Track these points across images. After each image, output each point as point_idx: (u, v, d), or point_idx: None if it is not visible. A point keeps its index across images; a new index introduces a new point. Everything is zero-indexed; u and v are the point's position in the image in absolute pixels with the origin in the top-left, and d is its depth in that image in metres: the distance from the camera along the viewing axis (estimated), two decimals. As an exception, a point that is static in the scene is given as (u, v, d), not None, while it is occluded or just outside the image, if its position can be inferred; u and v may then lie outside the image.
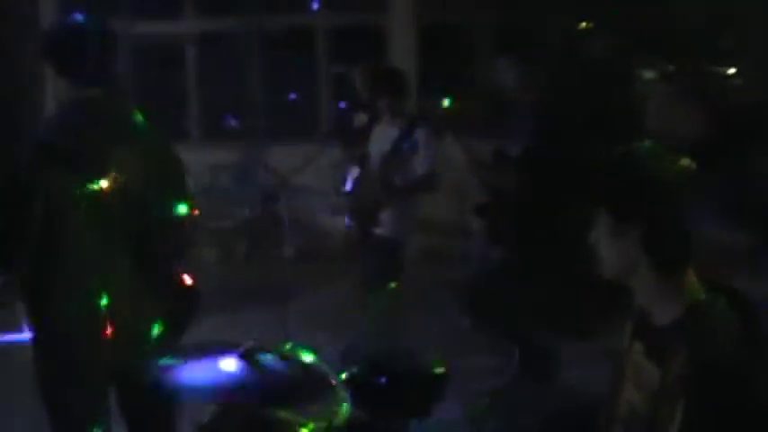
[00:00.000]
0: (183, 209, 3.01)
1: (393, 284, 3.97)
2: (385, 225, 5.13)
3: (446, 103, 5.90)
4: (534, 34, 7.31)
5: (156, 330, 2.94)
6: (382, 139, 5.27)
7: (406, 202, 5.14)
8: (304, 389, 2.43)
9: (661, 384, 1.97)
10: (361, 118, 6.63)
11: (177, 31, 8.41)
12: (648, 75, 6.85)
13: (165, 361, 2.44)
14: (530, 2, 7.34)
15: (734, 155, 5.92)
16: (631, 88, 6.81)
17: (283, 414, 2.46)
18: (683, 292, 2.02)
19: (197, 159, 7.71)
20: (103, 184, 2.84)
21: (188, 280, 3.07)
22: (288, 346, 2.62)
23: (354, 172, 6.07)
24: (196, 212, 3.09)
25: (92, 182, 2.83)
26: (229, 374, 2.26)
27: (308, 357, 2.62)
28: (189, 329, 3.09)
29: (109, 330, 2.86)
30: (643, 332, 2.13)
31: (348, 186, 6.40)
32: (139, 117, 3.03)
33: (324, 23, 8.32)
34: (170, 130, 3.15)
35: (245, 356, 2.29)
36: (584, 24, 6.87)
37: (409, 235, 5.25)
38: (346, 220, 6.37)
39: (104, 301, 2.86)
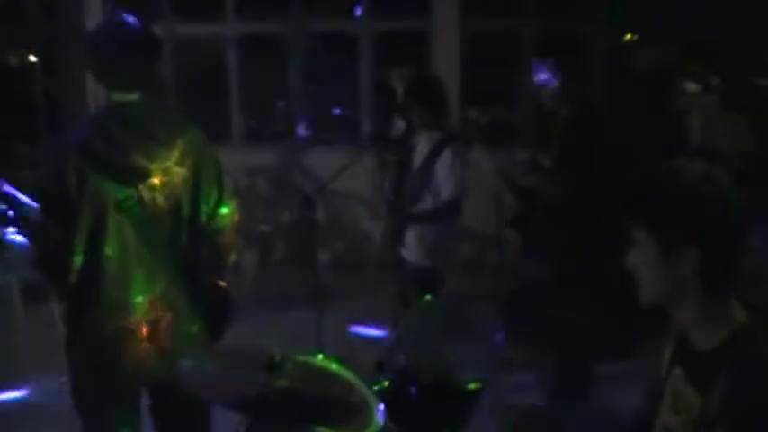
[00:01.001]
0: (224, 213, 3.01)
1: (429, 297, 3.91)
2: (409, 248, 4.96)
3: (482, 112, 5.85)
4: (579, 44, 7.26)
5: (193, 335, 2.94)
6: (420, 152, 5.11)
7: (429, 227, 4.86)
8: (334, 402, 2.41)
9: (702, 411, 1.92)
10: (399, 125, 6.59)
11: (219, 33, 8.44)
12: (692, 87, 6.75)
13: (196, 365, 2.44)
14: (575, 11, 7.29)
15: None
16: (675, 101, 6.72)
17: (313, 428, 2.44)
18: (728, 316, 1.95)
19: (237, 162, 7.77)
20: (142, 189, 2.85)
21: (223, 285, 3.07)
22: (320, 357, 2.60)
23: (391, 181, 6.01)
24: (237, 218, 3.08)
25: (130, 187, 2.84)
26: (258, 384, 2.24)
27: (339, 368, 2.60)
28: (225, 334, 3.09)
29: (145, 335, 2.86)
30: (684, 357, 2.07)
31: (387, 194, 6.37)
32: (179, 120, 3.03)
33: (367, 29, 8.30)
34: (211, 133, 3.12)
35: (273, 367, 2.27)
36: (629, 36, 6.80)
37: (438, 258, 4.89)
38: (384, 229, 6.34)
39: (144, 306, 2.86)
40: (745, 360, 1.88)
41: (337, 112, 9.26)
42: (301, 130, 8.33)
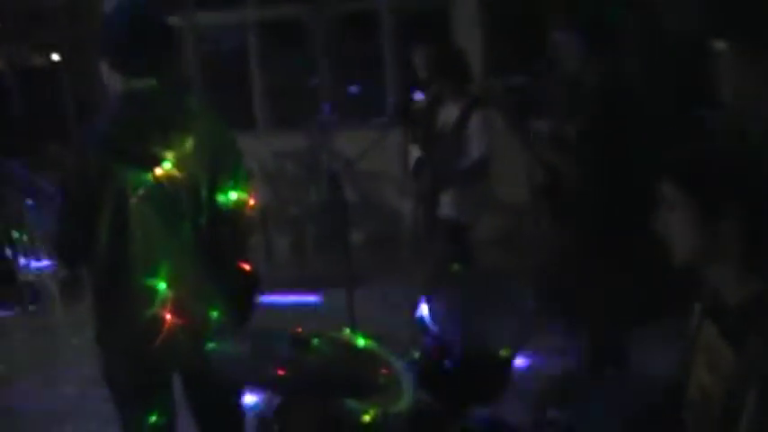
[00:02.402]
0: (242, 196, 3.00)
1: (461, 267, 3.92)
2: (447, 208, 5.09)
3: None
4: (605, 7, 7.14)
5: (219, 319, 2.93)
6: (446, 120, 5.20)
7: (465, 185, 5.08)
8: (361, 375, 2.39)
9: (736, 366, 1.88)
10: (421, 99, 6.58)
11: (239, 19, 8.44)
12: (721, 49, 6.62)
13: (224, 348, 2.44)
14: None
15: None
16: (705, 63, 6.59)
17: (345, 402, 2.42)
18: (762, 271, 1.93)
19: (263, 147, 7.79)
20: (160, 174, 2.84)
21: (247, 267, 3.06)
22: (346, 332, 2.59)
23: (416, 153, 6.03)
24: (252, 202, 3.06)
25: (149, 173, 2.83)
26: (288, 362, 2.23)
27: (366, 343, 2.58)
28: (252, 316, 3.09)
29: (173, 320, 2.86)
30: (717, 313, 2.04)
31: (413, 168, 6.37)
32: (197, 105, 3.02)
33: (387, 5, 8.27)
34: (235, 119, 3.12)
35: (298, 342, 2.26)
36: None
37: (475, 216, 5.17)
38: (414, 203, 6.35)
39: (169, 291, 2.86)
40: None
41: (361, 91, 9.24)
42: (327, 112, 8.31)
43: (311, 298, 6.49)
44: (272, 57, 8.55)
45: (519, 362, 3.08)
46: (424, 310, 2.98)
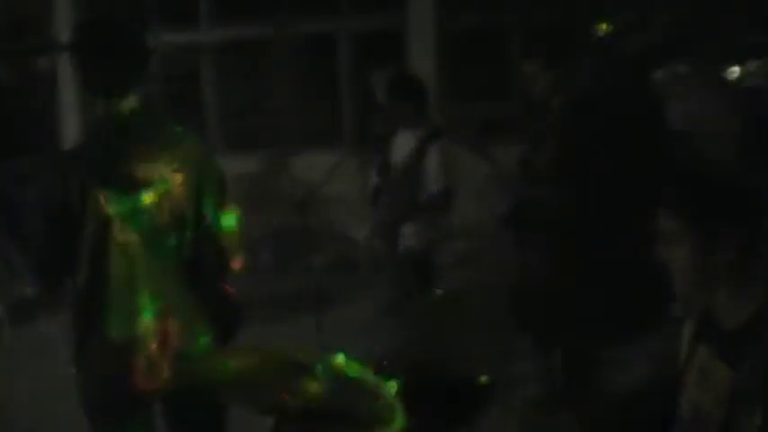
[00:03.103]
0: (225, 218, 2.98)
1: (432, 291, 3.93)
2: (408, 238, 5.06)
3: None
4: (563, 36, 7.27)
5: (203, 340, 2.91)
6: (402, 148, 5.17)
7: (427, 218, 5.06)
8: (360, 405, 2.38)
9: (735, 386, 1.92)
10: (380, 125, 6.60)
11: (196, 40, 8.40)
12: (672, 72, 6.78)
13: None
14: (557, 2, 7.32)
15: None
16: (658, 86, 6.73)
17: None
18: (758, 291, 1.97)
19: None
20: (144, 198, 2.81)
21: (231, 291, 3.04)
22: (340, 358, 2.57)
23: (374, 180, 6.03)
24: (239, 223, 3.05)
25: (131, 197, 2.80)
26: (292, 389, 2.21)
27: (358, 370, 2.56)
28: (236, 338, 3.07)
29: (155, 341, 2.82)
30: (711, 335, 2.08)
31: (370, 196, 6.37)
32: (178, 128, 3.00)
33: (344, 29, 8.31)
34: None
35: (301, 368, 2.25)
36: (610, 25, 6.81)
37: (436, 246, 5.13)
38: (370, 231, 6.36)
39: (151, 313, 2.83)
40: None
41: (319, 115, 9.23)
42: (285, 135, 8.30)
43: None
44: (229, 79, 8.52)
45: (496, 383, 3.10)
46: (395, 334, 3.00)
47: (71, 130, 8.33)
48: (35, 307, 6.18)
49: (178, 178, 2.86)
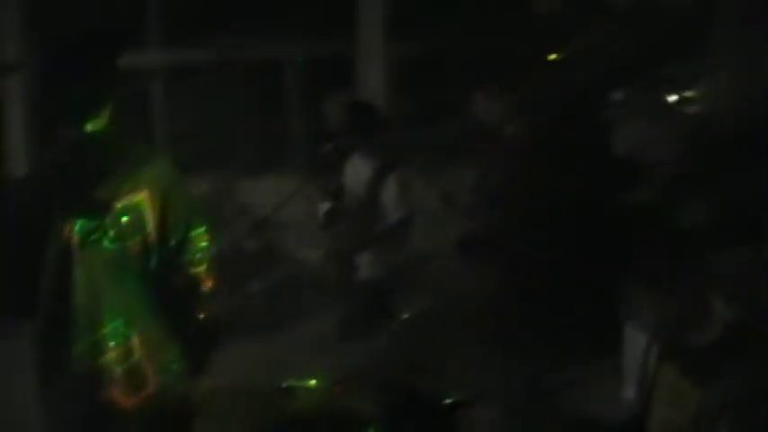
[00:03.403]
0: (197, 241, 2.98)
1: (398, 315, 3.99)
2: (366, 267, 5.07)
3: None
4: (515, 64, 7.42)
5: (176, 371, 2.90)
6: (358, 175, 5.19)
7: (385, 247, 5.08)
8: (336, 421, 2.43)
9: (703, 402, 2.01)
10: (331, 150, 6.63)
11: (141, 63, 8.36)
12: (617, 100, 6.95)
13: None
14: (505, 32, 7.46)
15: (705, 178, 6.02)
16: (603, 112, 6.90)
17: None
18: (720, 312, 2.06)
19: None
20: (109, 223, 2.79)
21: (202, 316, 3.04)
22: (313, 381, 2.61)
23: (327, 206, 6.06)
24: (210, 247, 3.05)
25: (96, 223, 2.78)
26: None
27: (330, 391, 2.62)
28: (208, 366, 3.06)
29: (126, 377, 2.80)
30: (676, 353, 2.17)
31: (322, 221, 6.39)
32: (145, 150, 3.00)
33: (293, 55, 8.36)
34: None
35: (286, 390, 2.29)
36: (556, 55, 6.97)
37: (393, 274, 5.16)
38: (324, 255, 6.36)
39: (120, 345, 2.81)
40: (743, 354, 1.99)
41: (267, 138, 9.23)
42: (233, 160, 8.28)
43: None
44: (177, 102, 8.48)
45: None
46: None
47: (19, 155, 8.27)
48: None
49: (146, 201, 2.85)
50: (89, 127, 2.82)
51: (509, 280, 4.41)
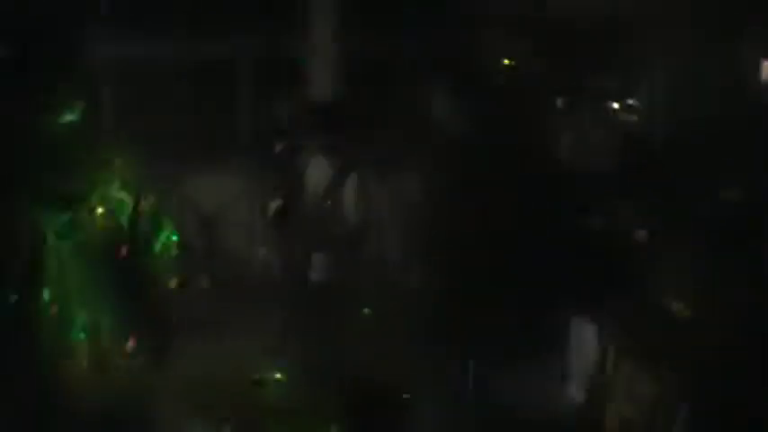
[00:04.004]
0: (165, 237, 3.04)
1: (360, 313, 4.06)
2: (320, 268, 5.09)
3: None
4: (461, 67, 7.54)
5: (137, 361, 2.95)
6: (315, 177, 5.21)
7: (342, 249, 5.11)
8: (304, 413, 2.52)
9: (659, 392, 2.14)
10: (283, 149, 6.68)
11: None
12: (562, 106, 7.12)
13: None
14: (457, 35, 7.58)
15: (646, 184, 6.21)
16: (546, 119, 7.06)
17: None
18: (672, 311, 2.20)
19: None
20: (81, 215, 2.84)
21: (164, 309, 3.10)
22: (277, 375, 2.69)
23: (277, 204, 6.10)
24: (177, 240, 3.12)
25: (67, 214, 2.83)
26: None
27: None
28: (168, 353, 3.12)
29: (91, 367, 2.85)
30: (633, 348, 2.30)
31: (272, 217, 6.43)
32: (118, 145, 3.05)
33: (244, 53, 8.39)
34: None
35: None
36: (507, 61, 7.11)
37: (347, 276, 5.23)
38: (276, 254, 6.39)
39: (86, 332, 2.85)
40: (693, 346, 2.13)
41: (216, 136, 9.22)
42: (183, 157, 8.26)
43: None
44: (128, 97, 8.43)
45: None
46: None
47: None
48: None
49: (117, 195, 2.91)
50: (62, 119, 2.87)
51: (454, 282, 4.50)
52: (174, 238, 3.07)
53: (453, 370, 4.66)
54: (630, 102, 8.00)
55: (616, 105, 7.82)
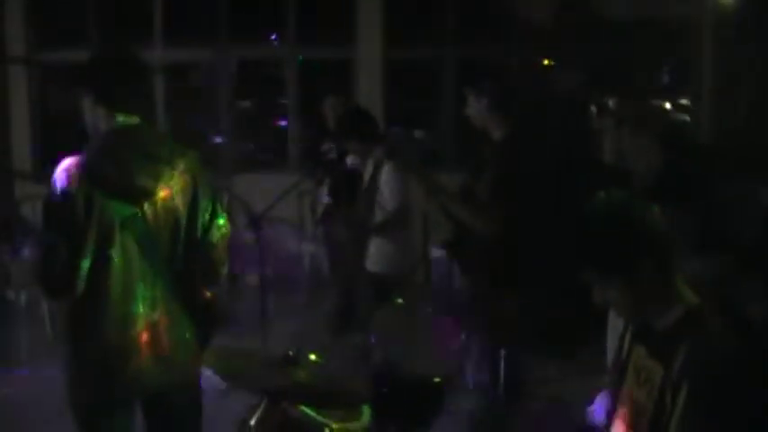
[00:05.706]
0: (218, 226, 3.23)
1: (394, 302, 4.19)
2: (372, 260, 5.25)
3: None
4: (503, 69, 7.68)
5: (188, 343, 3.15)
6: (358, 173, 5.40)
7: (387, 239, 5.25)
8: (335, 393, 2.68)
9: (664, 378, 2.26)
10: (330, 149, 6.86)
11: (148, 59, 8.57)
12: (603, 107, 7.18)
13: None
14: (496, 38, 7.72)
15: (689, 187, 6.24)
16: (590, 122, 7.12)
17: (315, 415, 2.72)
18: (681, 298, 2.32)
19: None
20: (146, 207, 3.03)
21: (210, 295, 3.28)
22: (313, 357, 2.86)
23: (325, 201, 6.28)
24: (228, 232, 3.29)
25: (134, 205, 3.02)
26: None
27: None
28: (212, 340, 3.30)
29: (148, 344, 3.05)
30: (645, 337, 2.42)
31: (320, 215, 6.61)
32: (177, 142, 3.23)
33: (294, 55, 8.62)
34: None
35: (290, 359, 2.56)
36: (546, 61, 7.22)
37: (400, 269, 5.25)
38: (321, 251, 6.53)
39: (145, 317, 3.05)
40: (698, 333, 2.25)
41: (266, 136, 9.49)
42: (230, 157, 8.51)
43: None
44: (180, 97, 8.70)
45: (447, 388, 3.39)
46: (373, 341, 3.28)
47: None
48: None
49: (178, 188, 3.10)
50: (130, 119, 3.08)
51: (491, 277, 4.58)
52: (221, 223, 3.26)
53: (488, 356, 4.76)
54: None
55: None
